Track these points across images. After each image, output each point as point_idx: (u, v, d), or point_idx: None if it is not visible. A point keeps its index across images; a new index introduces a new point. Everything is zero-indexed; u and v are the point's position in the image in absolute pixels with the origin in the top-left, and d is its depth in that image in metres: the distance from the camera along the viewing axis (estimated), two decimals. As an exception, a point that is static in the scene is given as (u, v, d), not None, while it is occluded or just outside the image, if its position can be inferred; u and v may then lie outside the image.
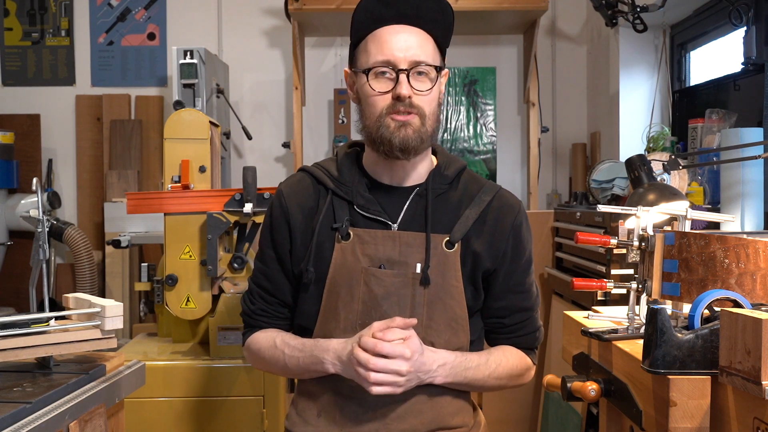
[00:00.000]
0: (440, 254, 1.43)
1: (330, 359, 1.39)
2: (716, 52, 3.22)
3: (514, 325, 1.53)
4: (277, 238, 1.50)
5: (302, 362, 1.43)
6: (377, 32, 1.41)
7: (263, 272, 1.54)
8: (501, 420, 3.25)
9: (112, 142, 4.22)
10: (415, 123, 1.39)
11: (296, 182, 1.54)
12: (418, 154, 1.43)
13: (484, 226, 1.47)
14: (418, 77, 1.40)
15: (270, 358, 1.49)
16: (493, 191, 1.51)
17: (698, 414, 1.13)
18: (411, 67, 1.39)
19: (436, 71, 1.42)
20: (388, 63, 1.39)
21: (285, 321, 1.55)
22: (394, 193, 1.48)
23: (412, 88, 1.39)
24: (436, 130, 1.45)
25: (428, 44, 1.42)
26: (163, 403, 2.37)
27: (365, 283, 1.42)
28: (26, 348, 1.40)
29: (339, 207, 1.46)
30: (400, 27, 1.40)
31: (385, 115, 1.39)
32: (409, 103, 1.38)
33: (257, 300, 1.54)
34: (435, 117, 1.44)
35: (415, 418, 1.43)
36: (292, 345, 1.46)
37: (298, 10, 3.61)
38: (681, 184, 2.48)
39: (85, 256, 3.65)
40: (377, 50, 1.40)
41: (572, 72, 4.30)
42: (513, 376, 1.52)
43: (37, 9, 4.33)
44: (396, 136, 1.38)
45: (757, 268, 1.27)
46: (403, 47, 1.39)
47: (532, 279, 1.55)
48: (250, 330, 1.56)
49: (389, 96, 1.39)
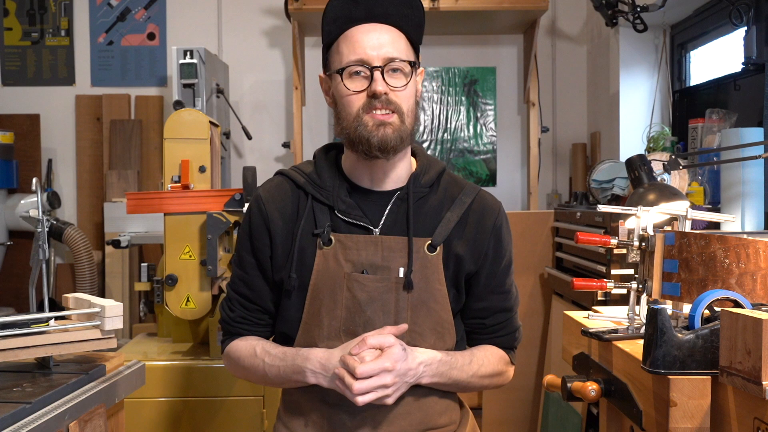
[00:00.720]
0: (423, 258, 1.43)
1: (311, 368, 1.38)
2: (716, 52, 3.22)
3: (495, 326, 1.53)
4: (257, 245, 1.48)
5: (282, 371, 1.42)
6: (348, 32, 1.40)
7: (242, 279, 1.51)
8: (501, 420, 3.25)
9: (112, 142, 4.22)
10: (394, 122, 1.38)
11: (275, 187, 1.51)
12: (398, 153, 1.42)
13: (465, 228, 1.47)
14: (392, 74, 1.39)
15: (249, 366, 1.48)
16: (473, 193, 1.50)
17: (698, 414, 1.13)
18: (385, 64, 1.38)
19: (410, 66, 1.41)
20: (362, 62, 1.37)
21: (266, 328, 1.53)
22: (375, 197, 1.47)
23: (387, 85, 1.38)
24: (415, 128, 1.44)
25: (400, 41, 1.41)
26: (163, 403, 2.37)
27: (348, 289, 1.41)
28: (26, 348, 1.40)
29: (320, 212, 1.45)
30: (371, 26, 1.39)
31: (362, 113, 1.38)
32: (385, 100, 1.37)
33: (236, 307, 1.52)
34: (413, 114, 1.43)
35: (404, 420, 1.42)
36: (273, 354, 1.44)
37: (298, 10, 3.61)
38: (681, 184, 2.47)
39: (85, 256, 3.65)
40: (350, 50, 1.39)
41: (572, 72, 4.31)
42: (495, 375, 1.52)
43: (36, 9, 4.33)
44: (374, 135, 1.37)
45: (758, 268, 1.27)
46: (375, 45, 1.38)
47: (512, 280, 1.55)
48: (229, 338, 1.54)
49: (364, 95, 1.38)
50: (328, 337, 1.42)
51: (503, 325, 1.54)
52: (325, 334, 1.42)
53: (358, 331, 1.41)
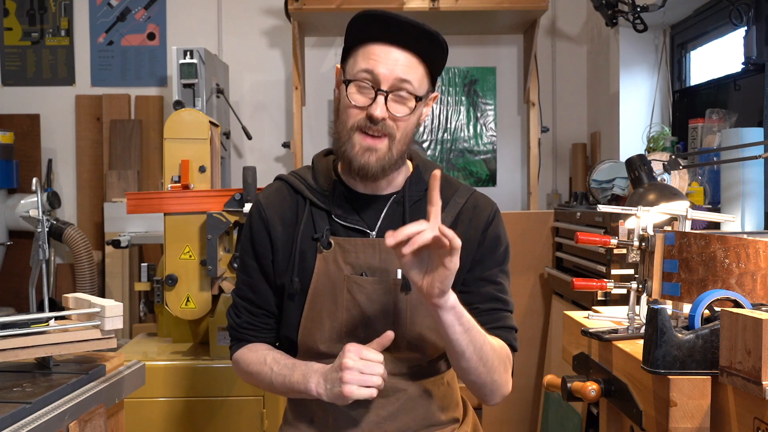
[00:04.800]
0: None
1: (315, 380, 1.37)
2: (716, 52, 3.22)
3: (490, 312, 1.47)
4: (260, 249, 1.50)
5: (288, 380, 1.42)
6: (369, 47, 1.39)
7: (247, 284, 1.53)
8: (501, 420, 3.25)
9: (112, 142, 4.22)
10: (381, 149, 1.38)
11: (274, 192, 1.53)
12: (378, 180, 1.43)
13: (458, 228, 1.46)
14: (397, 101, 1.38)
15: (257, 373, 1.49)
16: (467, 194, 1.51)
17: (698, 414, 1.13)
18: (392, 89, 1.37)
19: (417, 100, 1.39)
20: (371, 75, 1.37)
21: (272, 333, 1.55)
22: (372, 201, 1.48)
23: (388, 111, 1.37)
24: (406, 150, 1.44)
25: (418, 69, 1.40)
26: (163, 403, 2.37)
27: (348, 291, 1.43)
28: (26, 348, 1.40)
29: (318, 216, 1.47)
30: (394, 48, 1.38)
31: (355, 129, 1.38)
32: (381, 125, 1.37)
33: (243, 313, 1.53)
34: (406, 140, 1.42)
35: (407, 416, 1.44)
36: (282, 363, 1.45)
37: (298, 10, 3.61)
38: (681, 184, 2.48)
39: (85, 256, 3.65)
40: (365, 62, 1.38)
41: (572, 72, 4.30)
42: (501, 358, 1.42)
43: (36, 9, 4.33)
44: (357, 160, 1.38)
45: (758, 268, 1.27)
46: (391, 64, 1.37)
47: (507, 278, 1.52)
48: (237, 343, 1.56)
49: (364, 113, 1.38)
50: (329, 339, 1.44)
51: (499, 315, 1.48)
52: (327, 336, 1.44)
53: (359, 332, 1.42)
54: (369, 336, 1.41)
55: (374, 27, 1.38)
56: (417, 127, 1.47)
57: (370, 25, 1.39)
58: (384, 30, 1.37)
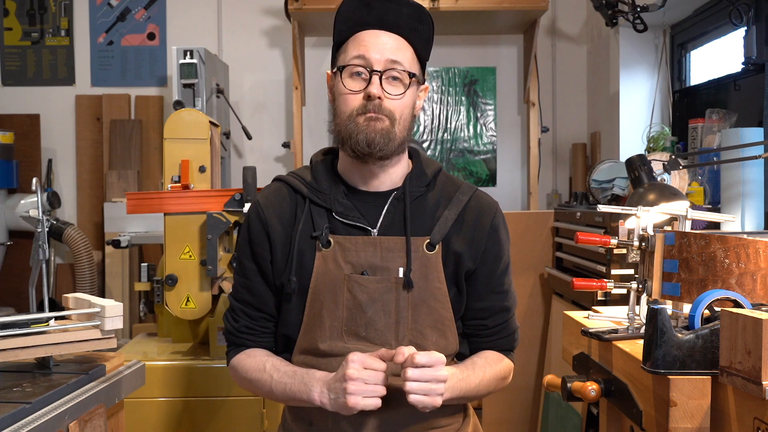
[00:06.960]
0: (422, 257, 1.43)
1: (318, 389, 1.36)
2: (716, 52, 3.22)
3: (496, 327, 1.53)
4: (257, 250, 1.49)
5: (289, 388, 1.41)
6: (358, 35, 1.43)
7: (245, 286, 1.51)
8: (501, 420, 3.25)
9: (112, 142, 4.22)
10: (384, 123, 1.40)
11: (273, 192, 1.52)
12: (384, 153, 1.41)
13: (463, 226, 1.47)
14: (391, 81, 1.41)
15: (257, 380, 1.47)
16: (470, 191, 1.51)
17: (698, 414, 1.13)
18: (385, 69, 1.40)
19: (410, 77, 1.42)
20: (364, 60, 1.40)
21: (270, 337, 1.53)
22: (372, 198, 1.48)
23: (384, 90, 1.39)
24: (407, 138, 1.45)
25: (406, 51, 1.43)
26: (163, 403, 2.37)
27: (349, 290, 1.42)
28: (26, 348, 1.40)
29: (317, 215, 1.46)
30: (380, 32, 1.42)
31: (355, 115, 1.40)
32: (378, 105, 1.39)
33: (240, 317, 1.52)
34: (406, 124, 1.44)
35: (408, 419, 1.43)
36: (282, 371, 1.44)
37: (298, 10, 3.61)
38: (681, 184, 2.48)
39: (85, 256, 3.65)
40: (355, 49, 1.41)
41: (572, 72, 4.30)
42: (499, 379, 1.52)
43: (36, 9, 4.33)
44: (362, 131, 1.39)
45: (758, 268, 1.27)
46: (380, 47, 1.40)
47: (510, 280, 1.55)
48: (234, 349, 1.54)
49: (361, 96, 1.40)
50: (330, 338, 1.42)
51: (504, 326, 1.54)
52: (327, 335, 1.43)
53: (360, 331, 1.42)
54: (370, 335, 1.41)
55: (360, 13, 1.42)
56: (414, 117, 1.48)
57: (355, 12, 1.42)
58: (369, 13, 1.41)
